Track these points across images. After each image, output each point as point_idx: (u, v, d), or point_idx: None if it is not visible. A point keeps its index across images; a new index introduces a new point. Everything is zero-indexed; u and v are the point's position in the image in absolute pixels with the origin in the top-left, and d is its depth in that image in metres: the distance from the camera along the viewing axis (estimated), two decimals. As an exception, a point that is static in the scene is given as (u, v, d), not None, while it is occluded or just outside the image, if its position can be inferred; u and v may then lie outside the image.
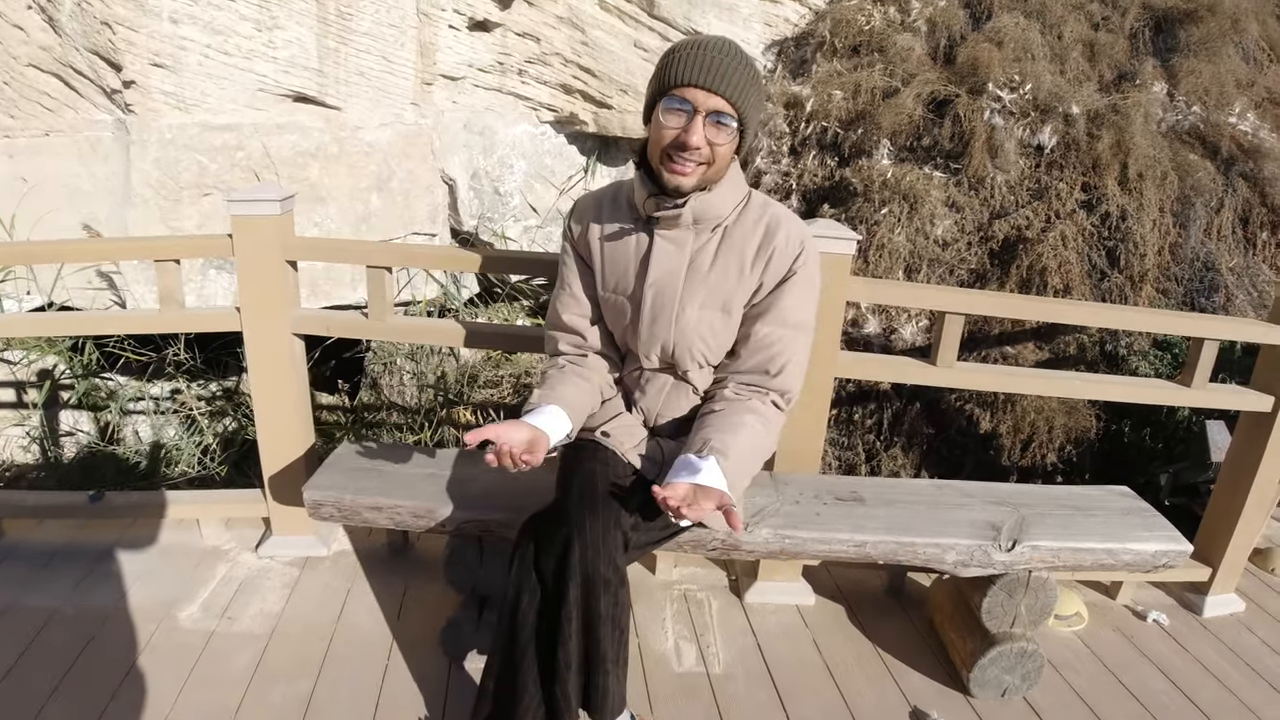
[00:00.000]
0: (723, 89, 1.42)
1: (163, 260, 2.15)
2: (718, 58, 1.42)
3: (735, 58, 1.45)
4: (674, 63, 1.45)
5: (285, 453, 2.32)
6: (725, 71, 1.42)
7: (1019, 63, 4.57)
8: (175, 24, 3.73)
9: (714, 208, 1.57)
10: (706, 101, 1.43)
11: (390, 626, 2.15)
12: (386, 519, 1.81)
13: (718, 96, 1.43)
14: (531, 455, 1.46)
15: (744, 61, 1.46)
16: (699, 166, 1.49)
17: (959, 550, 1.81)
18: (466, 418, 4.48)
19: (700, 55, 1.42)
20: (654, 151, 1.52)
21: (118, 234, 4.02)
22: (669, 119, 1.46)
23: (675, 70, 1.44)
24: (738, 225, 1.61)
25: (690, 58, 1.43)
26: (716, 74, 1.42)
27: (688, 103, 1.44)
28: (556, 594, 1.43)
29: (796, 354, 1.62)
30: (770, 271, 1.59)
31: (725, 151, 1.49)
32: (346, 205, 4.23)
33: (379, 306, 2.15)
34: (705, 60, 1.42)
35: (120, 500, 2.53)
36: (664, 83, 1.47)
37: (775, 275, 1.59)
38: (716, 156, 1.49)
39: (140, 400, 4.43)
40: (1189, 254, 4.30)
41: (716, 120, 1.45)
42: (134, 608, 2.22)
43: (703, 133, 1.45)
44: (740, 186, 1.62)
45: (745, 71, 1.45)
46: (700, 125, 1.44)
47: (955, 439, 4.05)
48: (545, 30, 4.59)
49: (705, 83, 1.42)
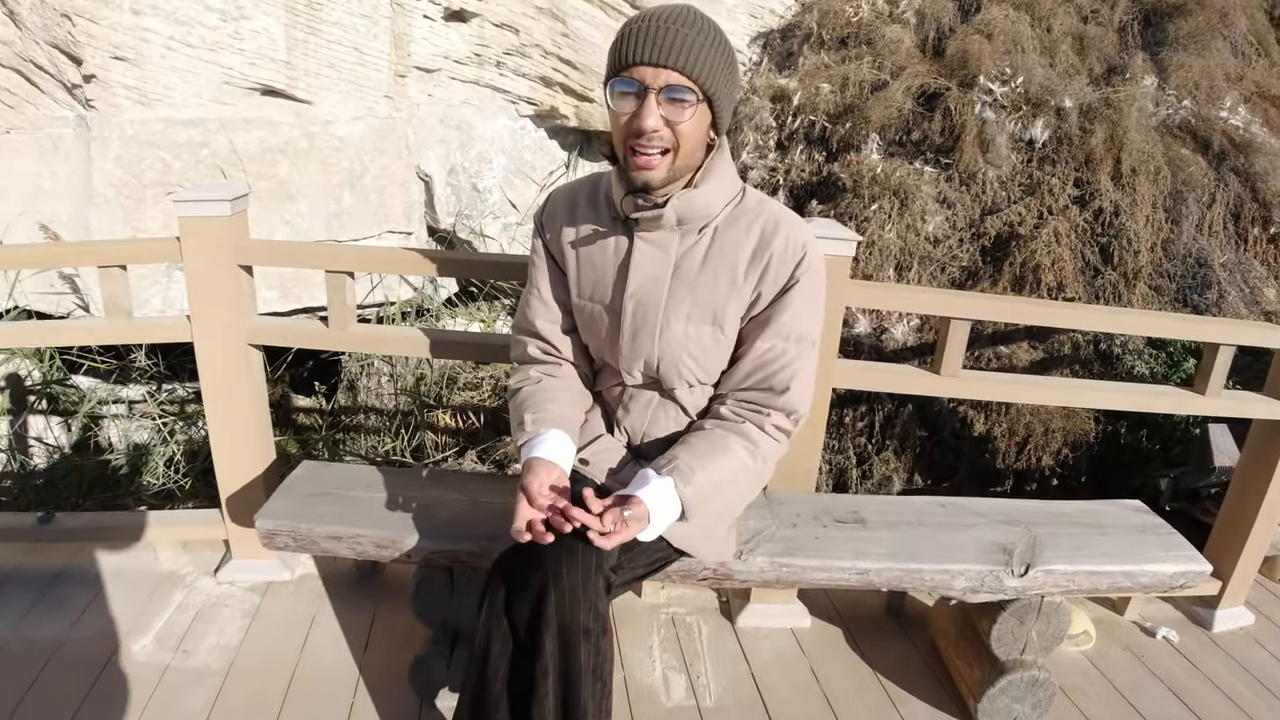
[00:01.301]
0: (673, 60, 1.25)
1: (107, 266, 1.98)
2: (665, 25, 1.25)
3: (688, 24, 1.27)
4: (620, 42, 1.29)
5: (243, 472, 2.16)
6: (674, 41, 1.25)
7: (1009, 55, 4.46)
8: (137, 15, 3.56)
9: (701, 206, 1.40)
10: (656, 78, 1.26)
11: (356, 659, 1.99)
12: (347, 549, 1.66)
13: (668, 69, 1.25)
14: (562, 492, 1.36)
15: (700, 26, 1.28)
16: (664, 155, 1.32)
17: (969, 576, 1.69)
18: (446, 421, 4.35)
19: (646, 27, 1.26)
20: (617, 146, 1.37)
21: (79, 235, 3.84)
22: (619, 104, 1.30)
23: (621, 50, 1.28)
24: (730, 227, 1.44)
25: (635, 33, 1.27)
26: (664, 45, 1.25)
27: (635, 82, 1.27)
28: (530, 645, 1.28)
29: (803, 369, 1.45)
30: (768, 280, 1.42)
31: (691, 130, 1.31)
32: (318, 203, 4.06)
33: (340, 314, 1.99)
34: (651, 32, 1.25)
35: (71, 522, 2.37)
36: (611, 66, 1.31)
37: (775, 284, 1.42)
38: (681, 138, 1.30)
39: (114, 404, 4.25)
40: (1181, 250, 4.22)
41: (671, 96, 1.27)
42: (84, 639, 2.06)
43: (657, 113, 1.27)
44: (731, 182, 1.45)
45: (701, 37, 1.27)
46: (653, 105, 1.27)
47: (949, 441, 3.95)
48: (524, 21, 4.43)
49: (652, 58, 1.25)
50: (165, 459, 3.80)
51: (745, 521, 1.74)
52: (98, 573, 2.31)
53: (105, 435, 4.24)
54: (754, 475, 1.45)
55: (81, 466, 3.86)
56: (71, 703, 1.85)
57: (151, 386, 4.26)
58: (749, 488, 1.45)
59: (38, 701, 1.85)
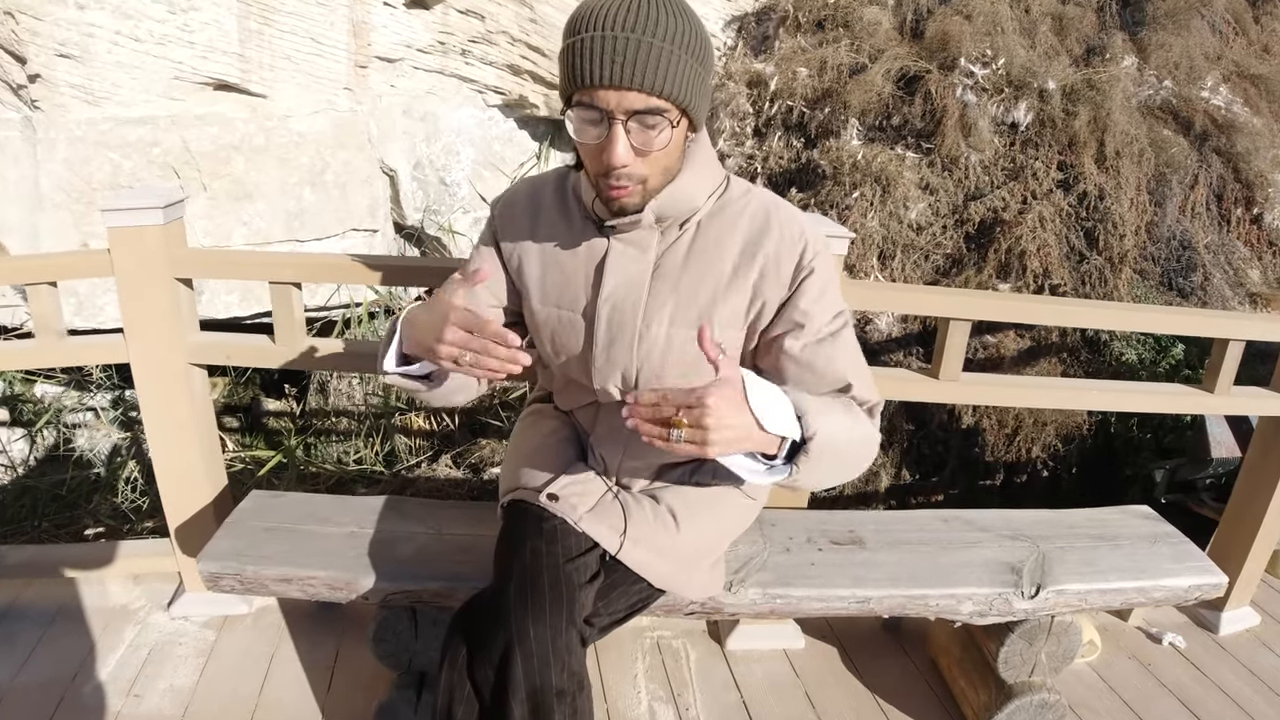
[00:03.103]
0: (639, 80, 1.05)
1: (34, 284, 1.81)
2: (623, 35, 1.04)
3: (649, 25, 1.06)
4: (572, 54, 1.08)
5: (191, 501, 2.00)
6: (637, 54, 1.04)
7: (990, 37, 4.35)
8: (81, 10, 3.37)
9: (682, 201, 1.23)
10: (621, 102, 1.07)
11: (319, 703, 1.84)
12: (298, 591, 1.51)
13: (633, 92, 1.06)
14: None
15: (663, 23, 1.06)
16: (638, 184, 1.15)
17: (976, 600, 1.57)
18: (419, 424, 4.20)
19: (604, 40, 1.05)
20: (587, 168, 1.19)
21: (28, 241, 3.65)
22: (582, 132, 1.11)
23: (575, 67, 1.08)
24: (714, 219, 1.27)
25: (589, 47, 1.05)
26: (626, 62, 1.04)
27: (596, 109, 1.08)
28: (497, 712, 1.13)
29: (848, 357, 1.26)
30: (769, 282, 1.25)
31: (667, 153, 1.14)
32: (277, 201, 3.88)
33: (287, 328, 1.83)
34: (608, 47, 1.04)
35: (14, 557, 2.20)
36: (566, 81, 1.10)
37: (779, 286, 1.25)
38: (656, 164, 1.14)
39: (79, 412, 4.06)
40: (1165, 233, 4.16)
41: (641, 122, 1.08)
42: (30, 684, 1.90)
43: (625, 142, 1.09)
44: (713, 170, 1.28)
45: (667, 40, 1.06)
46: (620, 134, 1.08)
47: (937, 435, 3.85)
48: (490, 7, 4.25)
49: (613, 79, 1.04)
50: (125, 476, 3.62)
51: (735, 548, 1.61)
52: (45, 609, 2.14)
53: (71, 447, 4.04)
54: (861, 435, 1.21)
55: (36, 487, 3.67)
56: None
57: (116, 394, 4.07)
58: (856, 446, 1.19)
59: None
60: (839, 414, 1.16)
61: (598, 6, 1.07)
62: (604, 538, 1.30)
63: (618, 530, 1.32)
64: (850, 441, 1.16)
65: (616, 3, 1.07)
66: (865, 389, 1.28)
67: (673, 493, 1.40)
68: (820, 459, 1.09)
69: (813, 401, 1.12)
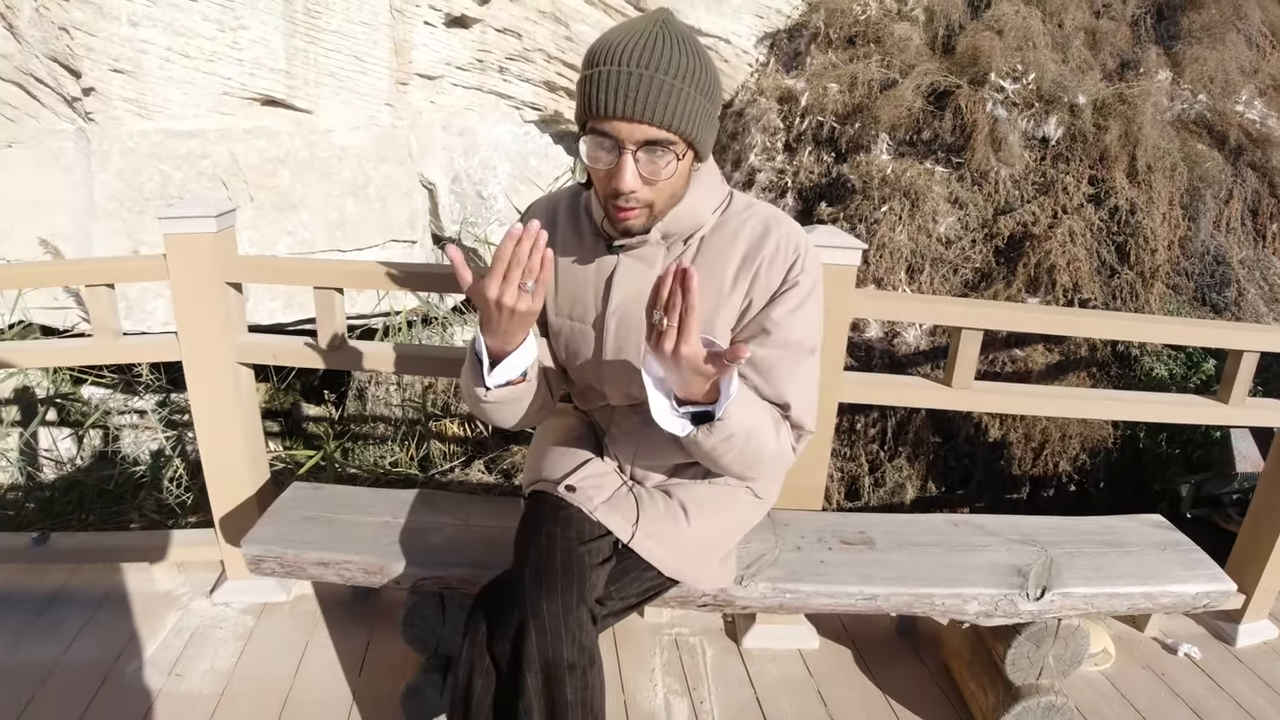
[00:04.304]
0: (649, 114, 1.14)
1: (94, 285, 1.94)
2: (637, 71, 1.13)
3: (661, 64, 1.15)
4: (589, 84, 1.17)
5: (236, 492, 2.12)
6: (648, 90, 1.14)
7: (1021, 52, 4.38)
8: (134, 27, 3.53)
9: (687, 219, 1.32)
10: (632, 133, 1.16)
11: (350, 685, 1.94)
12: (335, 575, 1.61)
13: (644, 124, 1.15)
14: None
15: (675, 61, 1.16)
16: (644, 207, 1.25)
17: (982, 600, 1.61)
18: (454, 430, 4.31)
19: (617, 75, 1.14)
20: (597, 190, 1.28)
21: (81, 247, 3.83)
22: (593, 156, 1.21)
23: (591, 97, 1.17)
24: (715, 234, 1.36)
25: (605, 79, 1.15)
26: (638, 97, 1.13)
27: (609, 137, 1.17)
28: (513, 683, 1.22)
29: (800, 378, 1.34)
30: (759, 286, 1.33)
31: (673, 181, 1.24)
32: (320, 213, 4.02)
33: (329, 331, 1.94)
34: (622, 81, 1.14)
35: (65, 543, 2.33)
36: (582, 108, 1.20)
37: (766, 290, 1.33)
38: (662, 191, 1.24)
39: (122, 414, 4.24)
40: (1199, 248, 4.14)
41: (650, 152, 1.18)
42: (77, 663, 2.02)
43: (634, 171, 1.18)
44: (717, 187, 1.37)
45: (678, 78, 1.15)
46: (629, 163, 1.18)
47: (963, 448, 3.87)
48: (527, 25, 4.38)
49: (625, 112, 1.14)
50: (169, 474, 3.77)
51: (747, 545, 1.67)
52: (93, 594, 2.27)
53: (118, 447, 4.22)
54: (771, 448, 1.29)
55: (84, 482, 3.83)
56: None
57: (160, 397, 4.23)
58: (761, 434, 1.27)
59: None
60: (762, 419, 1.27)
61: (615, 42, 1.16)
62: (617, 527, 1.39)
63: (630, 521, 1.40)
64: (753, 444, 1.25)
65: (632, 39, 1.16)
66: (804, 415, 1.36)
67: (684, 489, 1.48)
68: (723, 439, 1.19)
69: (746, 396, 1.23)
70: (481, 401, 1.31)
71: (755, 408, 1.27)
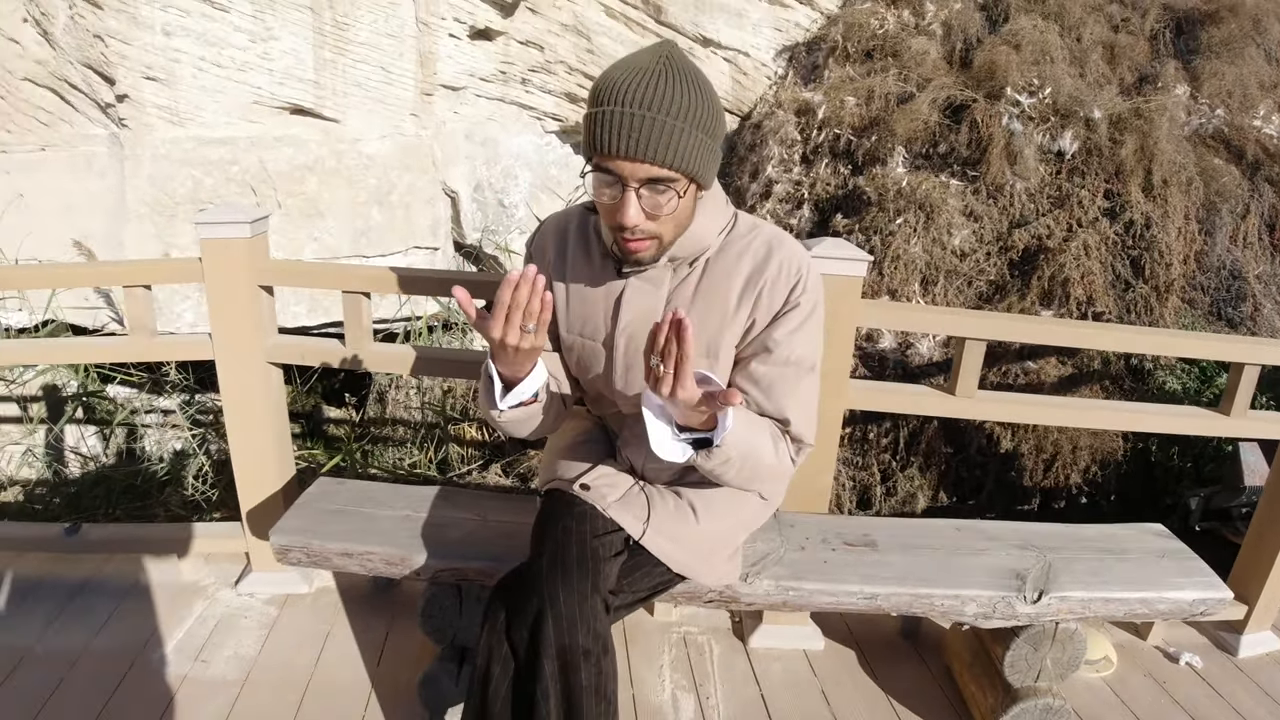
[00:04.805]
0: (650, 154, 1.19)
1: (131, 286, 2.04)
2: (639, 112, 1.18)
3: (663, 105, 1.19)
4: (595, 123, 1.22)
5: (262, 486, 2.20)
6: (650, 131, 1.18)
7: (1037, 66, 4.42)
8: (168, 36, 3.64)
9: (692, 243, 1.38)
10: (635, 172, 1.21)
11: (369, 674, 2.01)
12: (357, 565, 1.68)
13: (646, 164, 1.20)
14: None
15: (676, 101, 1.20)
16: (651, 240, 1.30)
17: (980, 602, 1.66)
18: (471, 435, 4.38)
19: (619, 115, 1.18)
20: (604, 222, 1.34)
21: (113, 250, 3.94)
22: (599, 191, 1.26)
23: (596, 135, 1.22)
24: (720, 256, 1.42)
25: (609, 119, 1.19)
26: (641, 138, 1.18)
27: (614, 175, 1.22)
28: (530, 668, 1.29)
29: (800, 394, 1.41)
30: (762, 307, 1.39)
31: (676, 215, 1.28)
32: (345, 219, 4.13)
33: (356, 333, 2.02)
34: (625, 121, 1.18)
35: (96, 533, 2.42)
36: (588, 145, 1.25)
37: (769, 310, 1.39)
38: (666, 224, 1.29)
39: (149, 414, 4.35)
40: (1215, 262, 4.15)
41: (653, 189, 1.23)
42: (105, 648, 2.11)
43: (637, 206, 1.23)
44: (722, 211, 1.42)
45: (679, 118, 1.20)
46: (633, 200, 1.23)
47: (975, 459, 3.90)
48: (549, 38, 4.48)
49: (628, 151, 1.19)
50: (194, 471, 3.87)
51: (753, 544, 1.73)
52: (122, 583, 2.36)
53: (140, 445, 4.33)
54: (770, 465, 1.35)
55: (112, 477, 3.94)
56: (92, 709, 1.89)
57: (185, 397, 4.34)
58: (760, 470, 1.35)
59: (59, 707, 1.90)
60: (760, 439, 1.33)
61: (619, 81, 1.21)
62: (629, 524, 1.46)
63: (641, 519, 1.47)
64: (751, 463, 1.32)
65: (635, 79, 1.20)
66: (803, 429, 1.41)
67: (694, 490, 1.54)
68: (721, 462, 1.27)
69: (745, 418, 1.29)
70: (496, 420, 1.39)
71: (754, 428, 1.32)
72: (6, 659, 2.05)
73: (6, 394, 4.20)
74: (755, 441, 1.31)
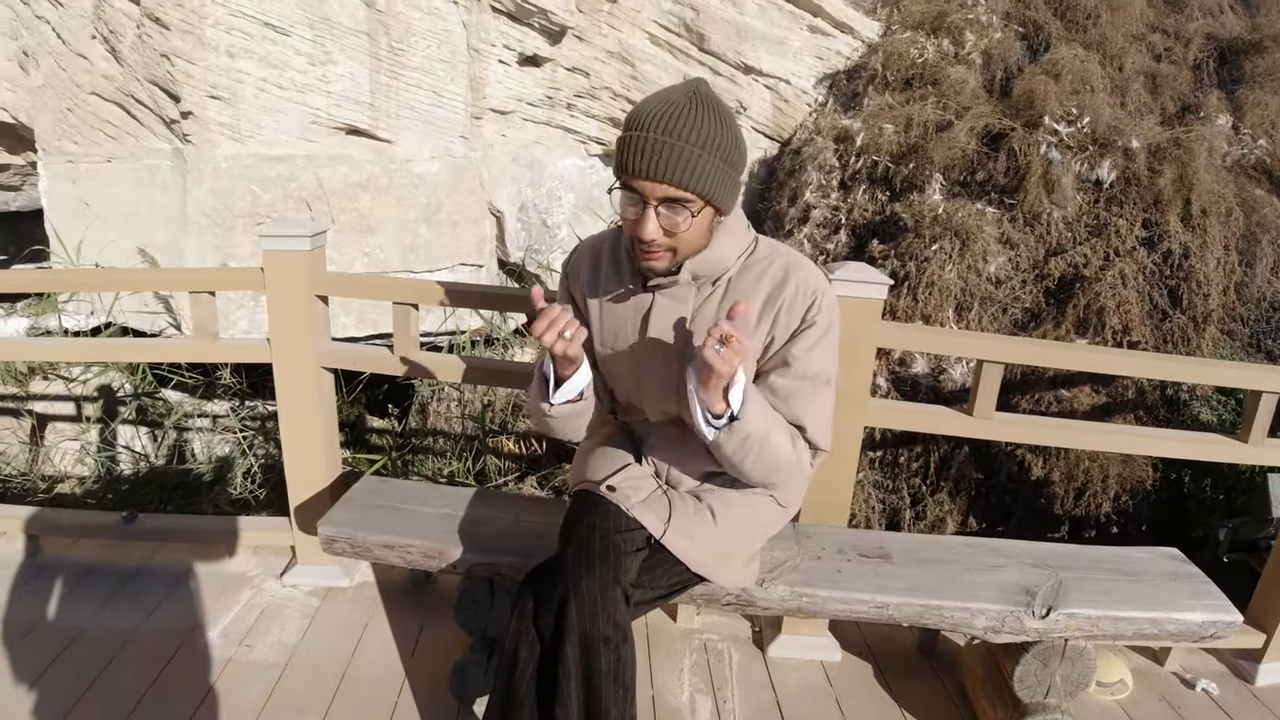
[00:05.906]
0: (668, 176, 1.33)
1: (197, 292, 2.19)
2: (661, 139, 1.32)
3: (684, 132, 1.33)
4: (623, 147, 1.37)
5: (311, 483, 2.34)
6: (669, 155, 1.32)
7: (1077, 95, 4.45)
8: (232, 58, 3.83)
9: (714, 263, 1.50)
10: (654, 191, 1.36)
11: (403, 664, 2.13)
12: (398, 557, 1.80)
13: (664, 184, 1.34)
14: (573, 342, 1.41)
15: (698, 130, 1.34)
16: (666, 252, 1.43)
17: (989, 615, 1.72)
18: (509, 447, 4.48)
19: (645, 140, 1.33)
20: (626, 234, 1.48)
21: (173, 258, 4.13)
22: (623, 207, 1.42)
23: (624, 156, 1.36)
24: (741, 277, 1.54)
25: (635, 143, 1.34)
26: (660, 161, 1.33)
27: (636, 193, 1.37)
28: (554, 651, 1.39)
29: (816, 405, 1.52)
30: (780, 325, 1.51)
31: (691, 233, 1.41)
32: (395, 236, 4.29)
33: (404, 342, 2.16)
34: (648, 146, 1.33)
35: (152, 523, 2.57)
36: (617, 166, 1.39)
37: (787, 328, 1.51)
38: (681, 241, 1.42)
39: (199, 418, 4.54)
40: (1255, 293, 4.13)
41: (670, 208, 1.37)
42: (155, 631, 2.25)
43: (655, 223, 1.38)
44: (743, 234, 1.54)
45: (697, 146, 1.34)
46: (652, 217, 1.37)
47: (1005, 485, 3.91)
48: (595, 65, 4.62)
49: (648, 172, 1.34)
50: (244, 471, 4.04)
51: (771, 552, 1.81)
52: (173, 570, 2.51)
53: (190, 447, 4.52)
54: (787, 454, 1.48)
55: (164, 474, 4.12)
56: (140, 686, 2.03)
57: (235, 403, 4.53)
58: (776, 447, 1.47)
59: (110, 683, 2.04)
60: (778, 425, 1.47)
61: (649, 110, 1.36)
62: (651, 524, 1.56)
63: (663, 519, 1.57)
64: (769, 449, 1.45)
65: (664, 108, 1.35)
66: (819, 436, 1.54)
67: (714, 494, 1.64)
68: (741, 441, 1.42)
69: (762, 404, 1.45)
70: (546, 416, 1.57)
71: (770, 415, 1.46)
72: (61, 637, 2.20)
73: (65, 393, 4.43)
74: (773, 425, 1.45)
